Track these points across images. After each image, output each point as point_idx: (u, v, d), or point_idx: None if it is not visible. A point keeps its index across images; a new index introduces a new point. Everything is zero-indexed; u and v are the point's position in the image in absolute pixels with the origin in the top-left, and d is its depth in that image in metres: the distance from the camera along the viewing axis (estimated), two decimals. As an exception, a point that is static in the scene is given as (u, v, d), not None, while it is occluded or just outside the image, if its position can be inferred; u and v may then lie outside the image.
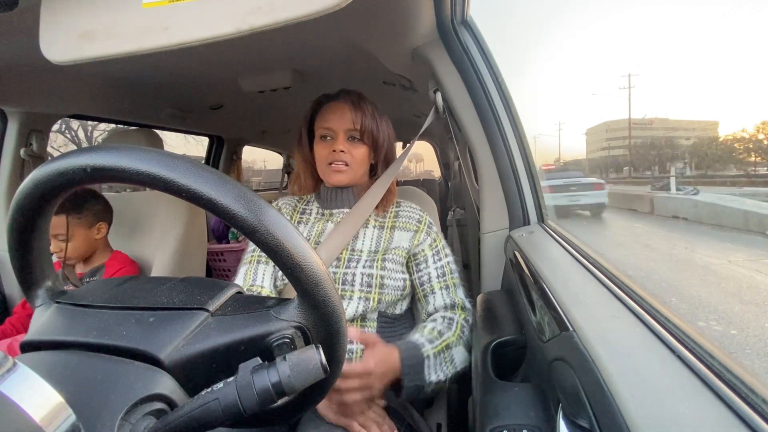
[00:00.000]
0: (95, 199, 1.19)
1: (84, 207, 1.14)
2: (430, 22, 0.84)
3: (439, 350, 0.70)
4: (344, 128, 0.82)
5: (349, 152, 0.83)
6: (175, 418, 0.29)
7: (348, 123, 0.82)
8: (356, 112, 0.82)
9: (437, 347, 0.71)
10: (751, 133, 41.13)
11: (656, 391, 0.29)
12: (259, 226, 0.31)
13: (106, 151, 0.32)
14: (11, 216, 0.36)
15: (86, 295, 0.40)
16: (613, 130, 68.01)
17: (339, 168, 0.82)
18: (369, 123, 0.83)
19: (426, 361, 0.68)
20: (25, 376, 0.23)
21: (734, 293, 3.97)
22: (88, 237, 1.14)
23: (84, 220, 1.14)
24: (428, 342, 0.71)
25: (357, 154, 0.83)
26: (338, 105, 0.84)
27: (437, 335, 0.73)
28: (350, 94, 0.86)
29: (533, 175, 0.92)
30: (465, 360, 0.74)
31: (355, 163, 0.84)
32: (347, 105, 0.83)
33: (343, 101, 0.84)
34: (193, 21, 0.50)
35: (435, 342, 0.71)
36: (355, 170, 0.84)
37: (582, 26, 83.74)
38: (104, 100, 1.31)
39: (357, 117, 0.82)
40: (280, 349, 0.35)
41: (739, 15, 33.42)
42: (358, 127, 0.82)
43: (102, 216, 1.19)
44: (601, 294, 0.48)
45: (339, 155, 0.82)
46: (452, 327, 0.76)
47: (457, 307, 0.80)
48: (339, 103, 0.84)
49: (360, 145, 0.84)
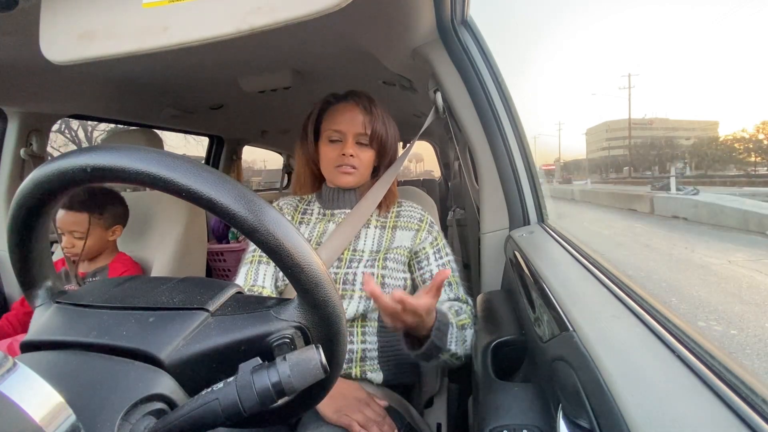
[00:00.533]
0: (117, 201, 1.20)
1: (106, 208, 1.16)
2: (430, 22, 0.84)
3: (458, 326, 0.70)
4: (354, 132, 0.82)
5: (358, 156, 0.82)
6: (175, 418, 0.29)
7: (359, 127, 0.81)
8: (367, 117, 0.82)
9: (459, 322, 0.71)
10: (751, 133, 41.18)
11: (656, 391, 0.29)
12: (259, 226, 0.31)
13: (107, 151, 0.32)
14: (11, 216, 0.36)
15: (86, 295, 0.40)
16: (613, 130, 68.03)
17: (347, 171, 0.82)
18: (380, 128, 0.82)
19: (450, 327, 0.67)
20: (25, 376, 0.23)
21: (734, 293, 3.97)
22: (102, 238, 1.15)
23: (103, 221, 1.15)
24: (451, 315, 0.71)
25: (365, 157, 0.83)
26: (349, 107, 0.83)
27: (455, 313, 0.73)
28: (360, 97, 0.85)
29: (533, 175, 0.92)
30: (470, 347, 0.73)
31: (363, 167, 0.84)
32: (358, 108, 0.82)
33: (354, 104, 0.83)
34: (193, 21, 0.50)
35: (456, 317, 0.71)
36: (362, 173, 0.84)
37: (582, 26, 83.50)
38: (104, 100, 1.31)
39: (368, 122, 0.81)
40: (280, 349, 0.34)
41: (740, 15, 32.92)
42: (369, 132, 0.81)
43: (120, 219, 1.21)
44: (601, 294, 0.48)
45: (348, 159, 0.81)
46: (462, 312, 0.76)
47: (461, 302, 0.80)
48: (349, 105, 0.83)
49: (368, 149, 0.84)
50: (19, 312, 1.16)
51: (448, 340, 0.66)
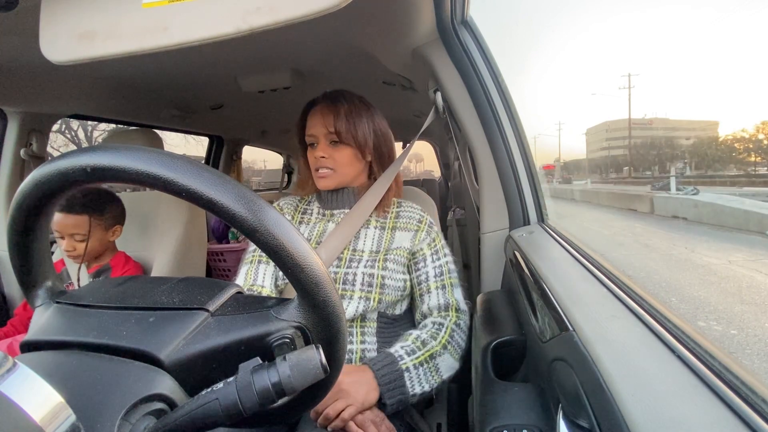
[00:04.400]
0: (115, 202, 1.21)
1: (106, 209, 1.16)
2: (430, 22, 0.84)
3: (420, 361, 0.70)
4: (323, 133, 0.82)
5: (331, 157, 0.82)
6: (175, 418, 0.29)
7: (327, 126, 0.81)
8: (329, 116, 0.81)
9: (419, 358, 0.70)
10: (751, 133, 41.17)
11: (656, 391, 0.29)
12: (259, 226, 0.31)
13: (107, 151, 0.32)
14: (11, 216, 0.36)
15: (86, 295, 0.40)
16: (613, 130, 67.98)
17: (323, 174, 0.82)
18: (342, 124, 0.80)
19: (406, 373, 0.68)
20: (25, 376, 0.23)
21: (734, 293, 3.97)
22: (103, 238, 1.16)
23: (104, 222, 1.16)
24: (408, 354, 0.70)
25: (340, 157, 0.82)
26: (317, 110, 0.83)
27: (420, 345, 0.72)
28: (328, 96, 0.84)
29: (533, 175, 0.92)
30: (452, 368, 0.73)
31: (340, 166, 0.83)
32: (326, 108, 0.82)
33: (321, 105, 0.83)
34: (193, 21, 0.50)
35: (417, 353, 0.71)
36: (342, 173, 0.83)
37: (582, 26, 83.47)
38: (104, 100, 1.31)
39: (330, 120, 0.81)
40: (280, 349, 0.34)
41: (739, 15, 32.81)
42: (332, 130, 0.81)
43: (119, 219, 1.21)
44: (601, 294, 0.48)
45: (321, 161, 0.82)
46: (440, 334, 0.75)
47: (450, 309, 0.79)
48: (318, 107, 0.83)
49: (342, 147, 0.82)
50: (23, 317, 1.17)
51: (408, 387, 0.67)
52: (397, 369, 0.67)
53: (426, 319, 0.80)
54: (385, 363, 0.68)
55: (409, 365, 0.69)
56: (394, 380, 0.67)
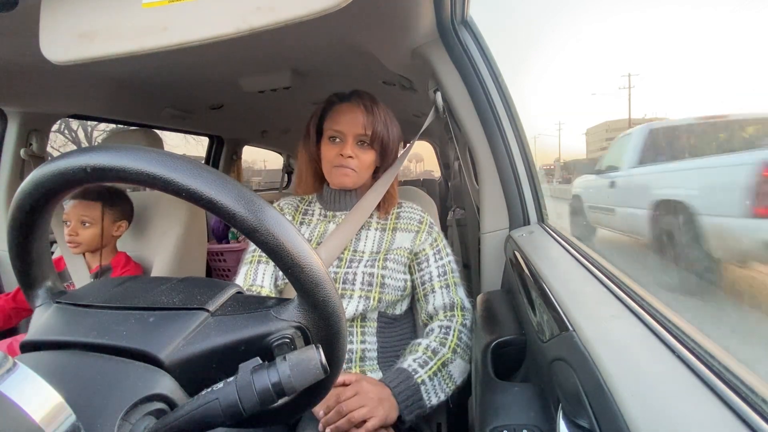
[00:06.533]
0: (126, 198, 1.24)
1: (117, 202, 1.19)
2: (430, 22, 0.84)
3: (434, 371, 0.70)
4: (354, 132, 0.81)
5: (358, 158, 0.81)
6: (175, 418, 0.29)
7: (359, 128, 0.80)
8: (368, 118, 0.80)
9: (432, 369, 0.70)
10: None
11: (656, 391, 0.29)
12: (259, 226, 0.31)
13: (106, 151, 0.32)
14: (11, 216, 0.36)
15: (86, 295, 0.40)
16: (613, 130, 67.95)
17: (345, 172, 0.81)
18: (381, 129, 0.81)
19: (422, 386, 0.67)
20: (25, 376, 0.23)
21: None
22: (107, 230, 1.17)
23: (113, 213, 1.18)
24: (421, 366, 0.70)
25: (365, 159, 0.82)
26: (350, 107, 0.82)
27: (431, 355, 0.72)
28: (363, 97, 0.84)
29: (533, 175, 0.92)
30: (465, 371, 0.73)
31: (362, 169, 0.83)
32: (360, 109, 0.81)
33: (356, 104, 0.82)
34: (193, 21, 0.50)
35: (429, 363, 0.70)
36: (361, 175, 0.84)
37: (582, 26, 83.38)
38: (104, 100, 1.31)
39: (369, 123, 0.80)
40: (280, 349, 0.34)
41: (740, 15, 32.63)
42: (369, 133, 0.80)
43: (127, 215, 1.23)
44: (601, 294, 0.48)
45: (347, 160, 0.81)
46: (448, 338, 0.75)
47: (456, 308, 0.80)
48: (351, 105, 0.82)
49: (369, 150, 0.82)
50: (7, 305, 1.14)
51: (426, 400, 0.67)
52: (413, 384, 0.67)
53: (432, 321, 0.79)
54: (401, 379, 0.67)
55: (424, 378, 0.68)
56: (411, 395, 0.66)
